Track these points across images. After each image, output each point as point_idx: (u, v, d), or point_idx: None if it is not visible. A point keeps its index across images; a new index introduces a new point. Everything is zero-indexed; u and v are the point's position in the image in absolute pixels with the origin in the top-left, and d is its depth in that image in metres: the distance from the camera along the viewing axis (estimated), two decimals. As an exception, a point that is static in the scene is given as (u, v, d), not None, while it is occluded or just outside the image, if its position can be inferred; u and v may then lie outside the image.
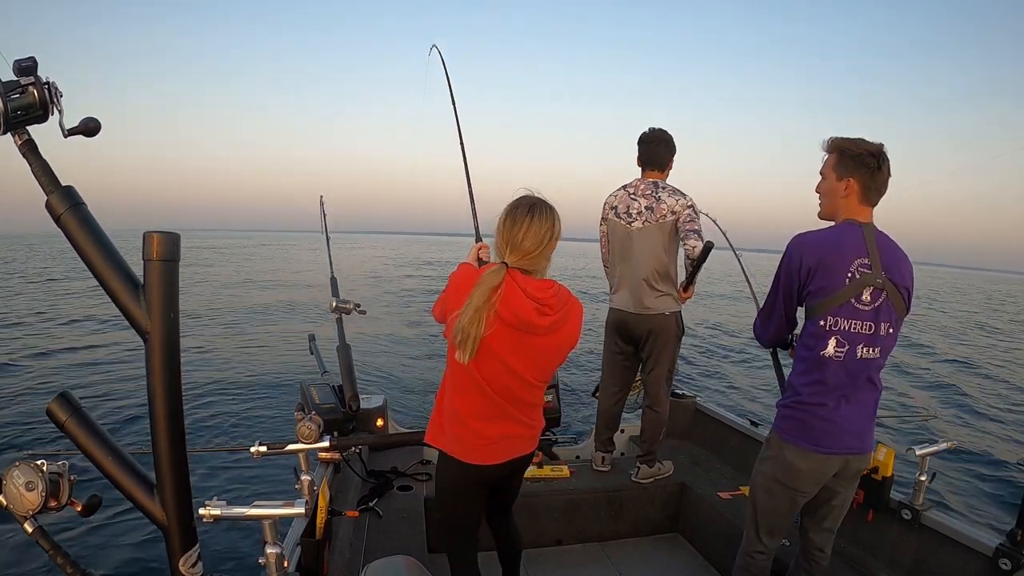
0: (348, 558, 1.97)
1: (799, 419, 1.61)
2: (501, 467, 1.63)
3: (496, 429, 1.58)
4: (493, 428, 1.58)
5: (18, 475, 0.74)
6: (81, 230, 0.71)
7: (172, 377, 0.75)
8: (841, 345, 1.54)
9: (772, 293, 1.70)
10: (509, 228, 1.50)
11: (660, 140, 2.66)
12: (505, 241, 1.51)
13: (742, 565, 1.81)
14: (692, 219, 2.56)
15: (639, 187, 2.67)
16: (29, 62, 0.66)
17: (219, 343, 10.35)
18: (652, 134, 2.67)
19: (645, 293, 2.63)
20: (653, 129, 2.68)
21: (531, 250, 1.50)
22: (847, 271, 1.52)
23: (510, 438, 1.62)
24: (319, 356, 2.95)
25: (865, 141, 1.57)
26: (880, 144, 1.57)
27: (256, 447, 1.74)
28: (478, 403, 1.55)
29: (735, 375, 9.79)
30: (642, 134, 2.69)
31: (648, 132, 2.68)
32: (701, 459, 3.11)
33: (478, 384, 1.52)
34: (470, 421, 1.57)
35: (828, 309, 1.54)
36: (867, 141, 1.57)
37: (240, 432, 5.87)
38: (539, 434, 1.70)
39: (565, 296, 1.56)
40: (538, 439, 1.71)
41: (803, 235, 1.61)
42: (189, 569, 0.79)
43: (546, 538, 2.70)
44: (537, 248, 1.50)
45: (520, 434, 1.63)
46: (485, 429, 1.57)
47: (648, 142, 2.67)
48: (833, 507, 1.71)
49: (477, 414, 1.57)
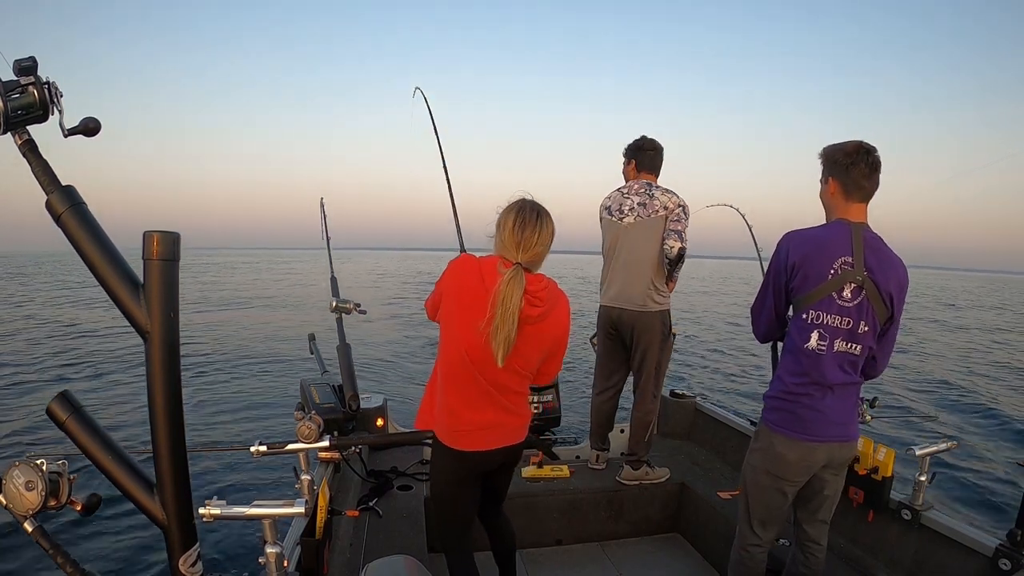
0: (348, 558, 1.97)
1: (786, 409, 1.66)
2: (492, 454, 1.69)
3: (485, 417, 1.65)
4: (482, 416, 1.65)
5: (18, 475, 0.74)
6: (81, 230, 0.71)
7: (172, 377, 0.75)
8: (823, 339, 1.59)
9: (763, 288, 1.76)
10: (519, 230, 1.58)
11: (656, 149, 2.76)
12: (515, 243, 1.59)
13: (737, 559, 1.82)
14: (679, 219, 2.62)
15: (633, 187, 2.73)
16: (29, 62, 0.66)
17: (219, 342, 10.35)
18: (649, 142, 2.75)
19: (634, 288, 2.67)
20: (647, 138, 2.76)
21: (541, 252, 1.62)
22: (831, 267, 1.57)
23: (500, 426, 1.68)
24: (319, 356, 2.95)
25: (845, 142, 1.62)
26: (856, 143, 1.60)
27: (256, 447, 1.74)
28: (470, 391, 1.63)
29: (735, 375, 9.79)
30: (638, 142, 2.76)
31: (645, 141, 2.76)
32: (701, 459, 3.11)
33: (471, 373, 1.60)
34: (460, 410, 1.65)
35: (811, 303, 1.59)
36: (847, 142, 1.62)
37: (240, 432, 5.87)
38: (527, 424, 1.77)
39: (553, 289, 1.66)
40: (527, 429, 1.77)
41: (793, 232, 1.67)
42: (189, 568, 0.79)
43: (546, 538, 2.70)
44: (545, 250, 1.63)
45: (509, 422, 1.70)
46: (475, 417, 1.65)
47: (647, 150, 2.75)
48: (825, 498, 1.75)
49: (467, 403, 1.64)
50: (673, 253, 2.58)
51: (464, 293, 1.60)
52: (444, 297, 1.65)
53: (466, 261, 1.65)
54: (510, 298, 1.51)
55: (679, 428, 3.40)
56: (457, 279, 1.63)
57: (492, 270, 1.58)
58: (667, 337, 2.75)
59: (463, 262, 1.65)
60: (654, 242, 2.63)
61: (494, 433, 1.68)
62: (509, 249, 1.59)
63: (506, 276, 1.53)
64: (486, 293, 1.55)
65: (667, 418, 3.44)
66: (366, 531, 2.15)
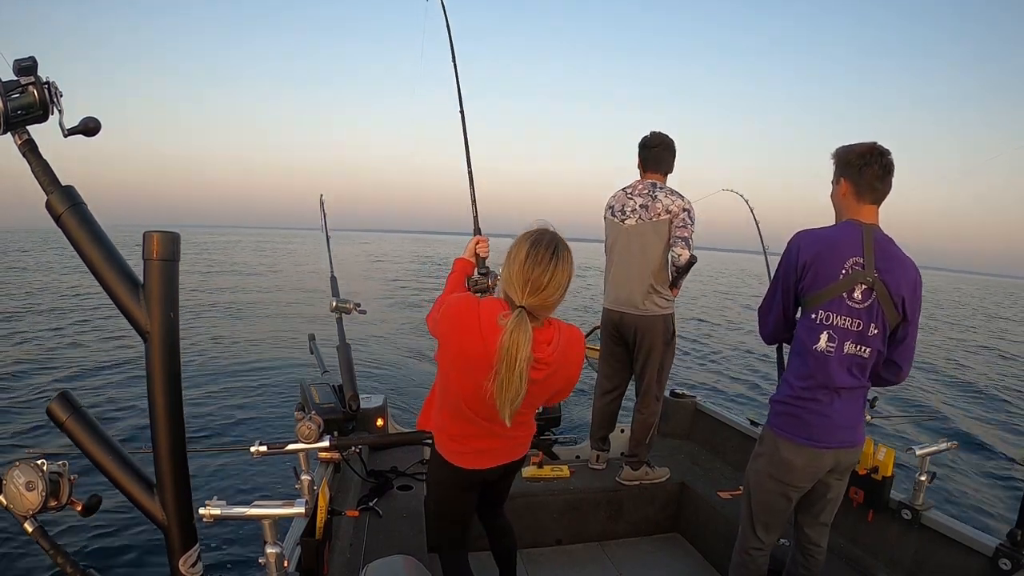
0: (348, 558, 1.97)
1: (794, 414, 1.63)
2: (492, 471, 1.66)
3: (486, 443, 1.61)
4: (483, 443, 1.61)
5: (18, 475, 0.74)
6: (81, 230, 0.71)
7: (172, 377, 0.75)
8: (832, 340, 1.57)
9: (772, 287, 1.73)
10: (530, 268, 1.37)
11: (663, 144, 2.69)
12: (523, 281, 1.37)
13: (739, 562, 1.81)
14: (685, 224, 2.58)
15: (637, 187, 2.69)
16: (29, 62, 0.66)
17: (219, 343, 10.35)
18: (655, 138, 2.69)
19: (634, 292, 2.64)
20: (655, 133, 2.70)
21: (551, 297, 1.39)
22: (841, 267, 1.55)
23: (499, 449, 1.65)
24: (319, 356, 2.95)
25: (859, 143, 1.61)
26: (869, 145, 1.59)
27: (256, 447, 1.74)
28: (469, 429, 1.58)
29: (736, 375, 9.79)
30: (644, 139, 2.72)
31: (651, 136, 2.70)
32: (701, 459, 3.11)
33: (466, 416, 1.54)
34: (460, 437, 1.61)
35: (821, 303, 1.57)
36: (861, 143, 1.60)
37: (240, 432, 5.87)
38: (529, 440, 1.72)
39: (564, 347, 1.45)
40: (528, 445, 1.73)
41: (804, 231, 1.65)
42: (189, 569, 0.79)
43: (546, 538, 2.70)
44: (557, 295, 1.40)
45: (508, 446, 1.66)
46: (476, 444, 1.61)
47: (652, 146, 2.69)
48: (828, 501, 1.73)
49: (468, 434, 1.60)
50: (681, 262, 2.54)
51: (464, 354, 1.44)
52: (442, 347, 1.50)
53: (465, 315, 1.43)
54: (515, 353, 1.32)
55: (679, 428, 3.40)
56: (457, 336, 1.43)
57: (492, 324, 1.38)
58: (670, 341, 2.73)
59: (461, 315, 1.43)
60: (654, 245, 2.60)
61: (495, 455, 1.65)
62: (514, 288, 1.39)
63: (509, 326, 1.34)
64: (487, 351, 1.37)
65: (667, 418, 3.43)
66: (366, 531, 2.15)
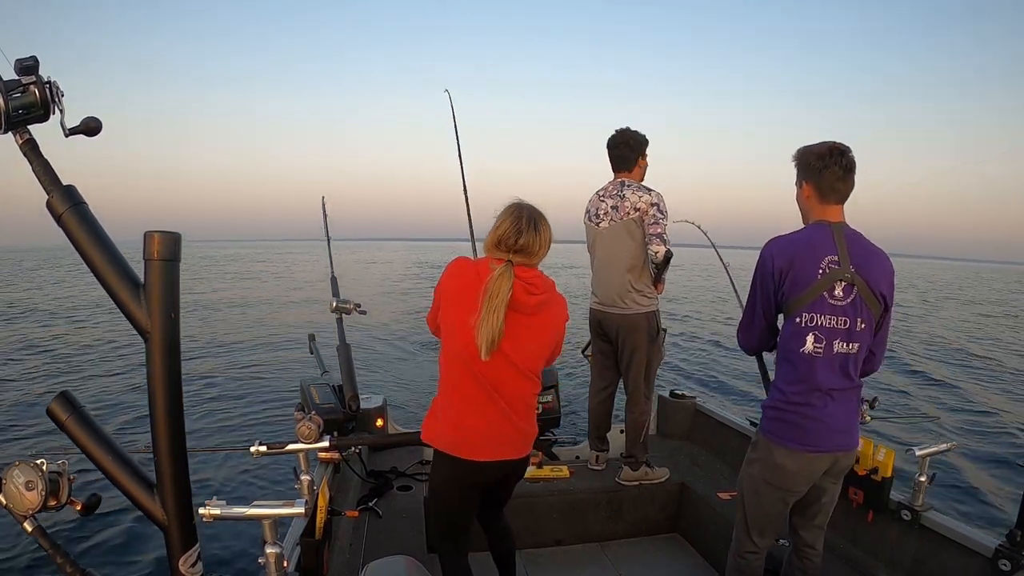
0: (348, 558, 1.97)
1: (788, 420, 1.62)
2: (493, 466, 1.66)
3: (487, 422, 1.62)
4: (485, 420, 1.62)
5: (18, 474, 0.74)
6: (82, 229, 0.71)
7: (172, 377, 0.75)
8: (819, 341, 1.56)
9: (751, 299, 1.71)
10: (514, 237, 1.60)
11: (623, 143, 2.69)
12: (508, 248, 1.61)
13: (735, 566, 1.80)
14: (657, 220, 2.58)
15: (608, 189, 2.72)
16: (31, 61, 0.66)
17: (220, 343, 10.35)
18: (615, 138, 2.71)
19: (614, 291, 2.67)
20: (618, 132, 2.71)
21: (536, 254, 1.64)
22: (818, 268, 1.55)
23: (501, 435, 1.65)
24: (319, 356, 2.95)
25: (818, 144, 1.60)
26: (828, 145, 1.59)
27: (256, 447, 1.74)
28: (472, 393, 1.61)
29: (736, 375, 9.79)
30: (607, 140, 2.73)
31: (612, 137, 2.72)
32: (701, 459, 3.11)
33: (474, 373, 1.58)
34: (464, 418, 1.62)
35: (803, 305, 1.57)
36: (820, 143, 1.60)
37: (240, 432, 5.87)
38: (531, 441, 1.73)
39: (549, 282, 1.67)
40: (530, 447, 1.73)
41: (775, 239, 1.65)
42: (189, 569, 0.79)
43: (546, 538, 2.70)
44: (541, 253, 1.65)
45: (511, 434, 1.66)
46: (478, 424, 1.62)
47: (612, 147, 2.71)
48: (823, 504, 1.72)
49: (471, 408, 1.62)
50: (659, 258, 2.56)
51: (462, 291, 1.61)
52: (443, 299, 1.66)
53: (462, 262, 1.67)
54: (497, 291, 1.52)
55: (679, 428, 3.40)
56: (455, 278, 1.65)
57: (486, 268, 1.60)
58: (655, 338, 2.73)
59: (459, 263, 1.67)
60: (628, 245, 2.61)
61: (496, 442, 1.64)
62: (501, 251, 1.62)
63: (496, 271, 1.55)
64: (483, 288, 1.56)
65: (667, 418, 3.44)
66: (366, 531, 2.15)
